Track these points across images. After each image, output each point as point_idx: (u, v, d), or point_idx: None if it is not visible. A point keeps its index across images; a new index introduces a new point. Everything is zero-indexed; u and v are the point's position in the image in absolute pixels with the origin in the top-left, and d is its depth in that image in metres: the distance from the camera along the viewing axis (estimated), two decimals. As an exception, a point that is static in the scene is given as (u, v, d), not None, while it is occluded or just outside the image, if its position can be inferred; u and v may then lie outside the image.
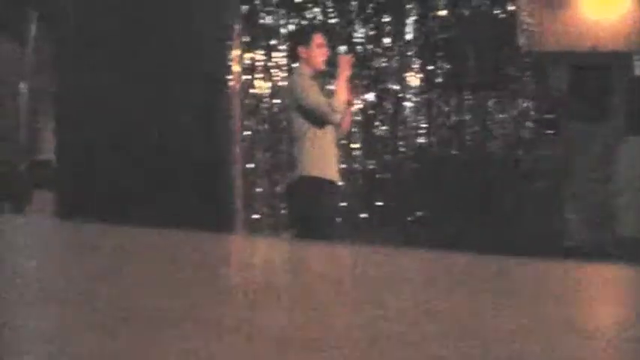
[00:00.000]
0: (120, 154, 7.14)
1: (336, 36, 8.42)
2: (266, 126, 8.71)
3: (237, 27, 7.72)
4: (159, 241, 3.19)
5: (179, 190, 7.14)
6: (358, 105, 8.66)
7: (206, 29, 7.42)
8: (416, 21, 9.02)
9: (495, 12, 9.27)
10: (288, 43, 8.40)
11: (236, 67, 7.64)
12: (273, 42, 8.72)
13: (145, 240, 3.23)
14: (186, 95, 7.31)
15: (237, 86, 7.74)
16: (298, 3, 8.81)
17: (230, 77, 7.51)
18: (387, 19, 8.96)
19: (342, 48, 8.42)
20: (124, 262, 2.60)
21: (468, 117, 9.15)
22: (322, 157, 6.00)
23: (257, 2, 8.70)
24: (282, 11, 8.75)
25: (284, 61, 8.64)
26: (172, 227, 3.29)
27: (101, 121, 7.28)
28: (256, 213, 8.65)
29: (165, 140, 7.19)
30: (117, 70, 7.25)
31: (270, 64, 8.69)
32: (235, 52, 7.60)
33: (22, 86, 8.36)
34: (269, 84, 8.68)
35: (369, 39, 8.95)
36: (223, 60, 7.47)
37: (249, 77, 8.57)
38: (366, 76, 8.78)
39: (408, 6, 8.99)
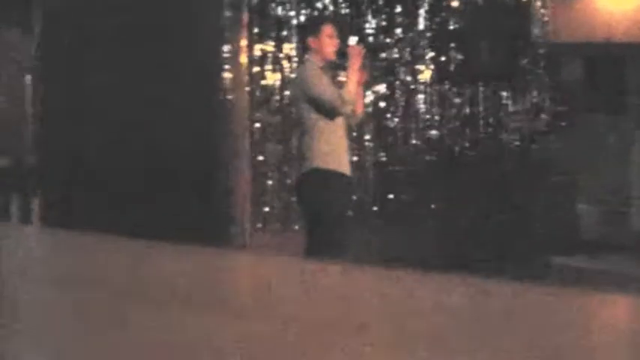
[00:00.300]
0: (116, 156, 7.00)
1: (347, 26, 8.32)
2: (277, 118, 8.62)
3: (244, 19, 7.62)
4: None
5: (178, 191, 7.02)
6: (369, 97, 8.57)
7: (208, 23, 7.33)
8: (428, 11, 8.92)
9: (508, 2, 9.17)
10: (298, 34, 8.30)
11: (244, 59, 7.55)
12: (283, 33, 8.63)
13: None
14: (186, 92, 7.20)
15: (245, 79, 7.64)
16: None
17: (232, 72, 7.40)
18: (398, 9, 8.86)
19: (353, 39, 8.32)
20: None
21: (480, 109, 9.05)
22: (333, 149, 5.92)
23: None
24: (293, 2, 8.65)
25: (294, 53, 8.54)
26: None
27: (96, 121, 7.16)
28: (267, 206, 8.57)
29: (165, 140, 7.06)
30: (116, 69, 7.13)
31: (280, 55, 8.59)
32: (242, 44, 7.51)
33: (28, 79, 8.30)
34: (279, 75, 8.58)
35: (380, 30, 8.84)
36: (222, 55, 7.36)
37: (260, 69, 8.48)
38: (377, 67, 8.67)
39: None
